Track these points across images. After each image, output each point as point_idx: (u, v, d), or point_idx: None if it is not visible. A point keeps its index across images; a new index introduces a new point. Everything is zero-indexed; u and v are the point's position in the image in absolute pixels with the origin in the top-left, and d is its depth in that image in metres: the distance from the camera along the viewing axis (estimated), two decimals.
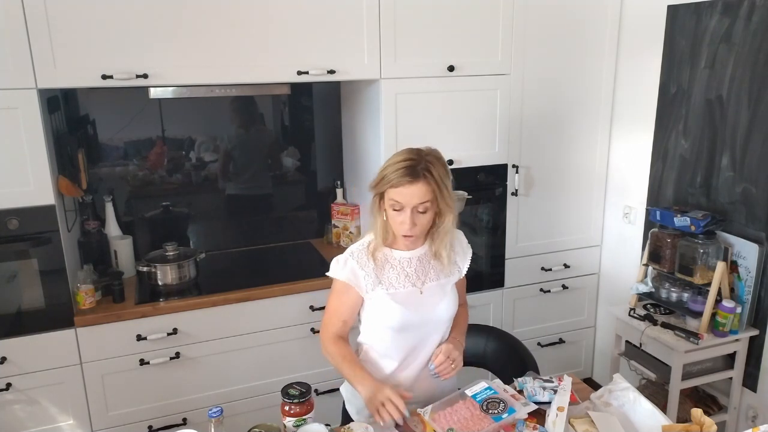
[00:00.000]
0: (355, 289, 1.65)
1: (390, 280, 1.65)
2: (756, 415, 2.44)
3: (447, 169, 1.61)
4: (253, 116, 2.88)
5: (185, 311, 2.35)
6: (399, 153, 1.60)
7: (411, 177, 1.52)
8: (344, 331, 1.70)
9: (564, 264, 2.99)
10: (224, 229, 2.95)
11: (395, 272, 1.66)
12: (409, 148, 1.60)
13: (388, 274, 1.66)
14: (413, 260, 1.68)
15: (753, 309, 2.36)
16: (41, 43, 2.01)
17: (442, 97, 2.55)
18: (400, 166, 1.54)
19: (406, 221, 1.56)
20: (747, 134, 2.32)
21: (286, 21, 2.27)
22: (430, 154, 1.59)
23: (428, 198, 1.55)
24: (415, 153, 1.58)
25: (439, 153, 1.62)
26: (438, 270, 1.70)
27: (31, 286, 2.17)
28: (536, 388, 1.63)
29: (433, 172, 1.54)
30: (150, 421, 2.40)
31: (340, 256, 1.69)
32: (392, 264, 1.67)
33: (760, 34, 2.22)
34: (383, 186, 1.57)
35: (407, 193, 1.53)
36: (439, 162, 1.59)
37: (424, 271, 1.69)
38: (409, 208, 1.55)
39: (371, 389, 1.55)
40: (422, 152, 1.59)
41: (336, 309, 1.69)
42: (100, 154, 2.65)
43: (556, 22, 2.66)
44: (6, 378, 2.17)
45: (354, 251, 1.67)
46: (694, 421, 1.45)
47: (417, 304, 1.65)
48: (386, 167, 1.57)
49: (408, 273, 1.67)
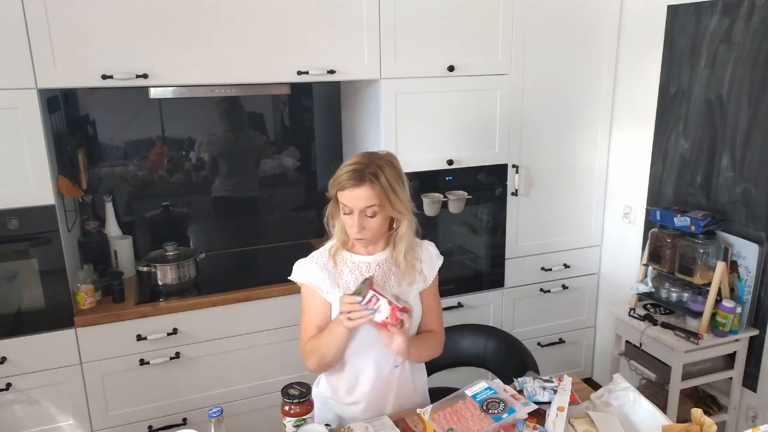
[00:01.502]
0: (318, 292, 1.63)
1: (347, 283, 1.63)
2: (756, 415, 2.44)
3: (400, 174, 1.58)
4: (244, 117, 2.87)
5: (185, 311, 2.35)
6: (353, 156, 1.59)
7: (356, 180, 1.51)
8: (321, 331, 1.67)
9: (564, 264, 2.99)
10: (224, 229, 2.95)
11: (353, 276, 1.63)
12: (364, 152, 1.60)
13: (346, 278, 1.63)
14: (372, 265, 1.65)
15: (753, 309, 2.36)
16: (41, 43, 2.01)
17: (442, 97, 2.55)
18: (348, 169, 1.53)
19: (354, 224, 1.55)
20: (747, 134, 2.32)
21: (286, 21, 2.27)
22: (382, 159, 1.57)
23: (374, 202, 1.53)
24: (366, 157, 1.57)
25: (394, 158, 1.61)
26: (399, 277, 1.65)
27: (31, 286, 2.17)
28: (536, 388, 1.63)
29: (380, 177, 1.52)
30: (150, 421, 2.40)
31: (302, 259, 1.68)
32: (350, 268, 1.64)
33: (760, 34, 2.22)
34: (333, 188, 1.57)
35: (352, 197, 1.53)
36: (390, 167, 1.56)
37: (383, 277, 1.64)
38: (356, 211, 1.54)
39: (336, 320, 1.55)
40: (374, 156, 1.57)
41: (308, 316, 1.66)
42: (100, 154, 2.65)
43: (556, 22, 2.66)
44: (6, 378, 2.17)
45: (315, 254, 1.68)
46: (694, 421, 1.45)
47: None
48: (339, 169, 1.57)
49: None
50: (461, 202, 2.63)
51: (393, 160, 1.60)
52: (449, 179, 2.65)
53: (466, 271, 2.84)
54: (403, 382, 1.70)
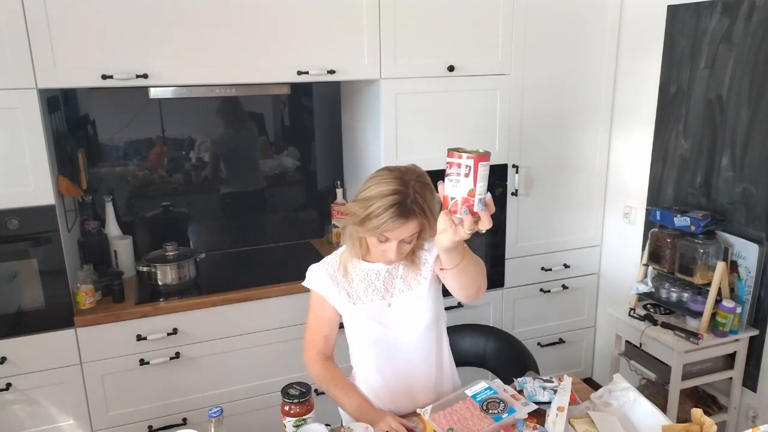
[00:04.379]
0: (329, 302, 1.62)
1: (358, 293, 1.61)
2: (756, 415, 2.44)
3: (432, 189, 1.46)
4: (244, 117, 2.87)
5: (185, 311, 2.35)
6: (382, 180, 1.43)
7: (403, 219, 1.40)
8: (328, 348, 1.66)
9: (564, 264, 2.99)
10: (224, 229, 2.95)
11: (363, 285, 1.61)
12: (391, 173, 1.45)
13: (357, 288, 1.61)
14: (381, 272, 1.62)
15: (753, 309, 2.36)
16: (41, 43, 2.01)
17: (442, 97, 2.55)
18: (388, 204, 1.39)
19: (392, 253, 1.48)
20: (747, 134, 2.32)
21: (286, 21, 2.27)
22: (415, 180, 1.45)
23: (418, 230, 1.46)
24: (400, 182, 1.42)
25: (421, 171, 1.50)
26: (406, 278, 1.62)
27: (31, 286, 2.17)
28: (536, 388, 1.63)
29: (423, 204, 1.42)
30: (150, 421, 2.40)
31: (315, 265, 1.65)
32: (360, 277, 1.62)
33: (760, 34, 2.22)
34: (372, 229, 1.41)
35: (398, 231, 1.43)
36: (424, 187, 1.45)
37: (392, 284, 1.62)
38: (396, 241, 1.46)
39: (370, 418, 1.52)
40: (406, 178, 1.44)
41: (315, 323, 1.66)
42: (100, 154, 2.65)
43: (556, 22, 2.66)
44: (6, 378, 2.17)
45: (327, 260, 1.65)
46: (694, 421, 1.44)
47: (386, 317, 1.61)
48: (372, 202, 1.41)
49: (376, 286, 1.62)
50: None
51: (421, 173, 1.49)
52: None
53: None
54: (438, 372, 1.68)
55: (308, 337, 1.67)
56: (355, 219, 1.45)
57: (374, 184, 1.44)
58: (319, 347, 1.65)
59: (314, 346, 1.66)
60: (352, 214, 1.46)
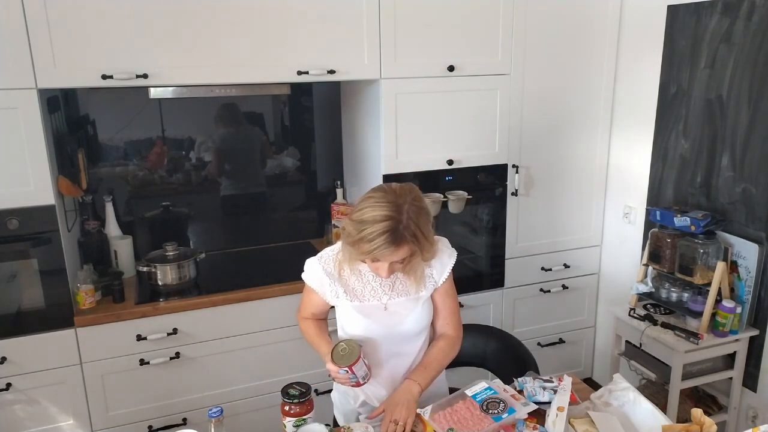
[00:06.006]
0: (319, 295, 1.65)
1: (354, 291, 1.62)
2: (756, 415, 2.44)
3: (427, 212, 1.48)
4: (244, 117, 2.87)
5: (185, 311, 2.35)
6: (377, 204, 1.42)
7: (395, 246, 1.40)
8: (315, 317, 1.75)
9: (564, 264, 2.99)
10: (224, 229, 2.95)
11: (360, 284, 1.62)
12: (386, 196, 1.44)
13: (353, 285, 1.62)
14: None
15: (753, 309, 2.36)
16: (41, 43, 2.01)
17: (442, 97, 2.55)
18: (381, 231, 1.38)
19: (383, 272, 1.50)
20: (747, 134, 2.32)
21: (286, 21, 2.27)
22: (410, 203, 1.43)
23: (409, 254, 1.46)
24: (394, 207, 1.41)
25: (417, 193, 1.48)
26: (407, 284, 1.63)
27: (31, 286, 2.17)
28: (536, 388, 1.63)
29: (415, 231, 1.41)
30: (150, 421, 2.40)
31: (312, 258, 1.66)
32: (357, 276, 1.63)
33: (760, 34, 2.22)
34: (364, 252, 1.42)
35: (390, 256, 1.44)
36: (418, 211, 1.44)
37: (391, 286, 1.62)
38: (387, 263, 1.48)
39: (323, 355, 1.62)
40: (400, 203, 1.42)
41: (306, 304, 1.73)
42: (100, 154, 2.65)
43: (556, 22, 2.66)
44: (6, 378, 2.18)
45: (323, 256, 1.65)
46: (694, 421, 1.44)
47: (381, 318, 1.62)
48: (365, 226, 1.40)
49: (373, 286, 1.62)
50: (461, 202, 2.63)
51: (418, 198, 1.47)
52: (449, 179, 2.65)
53: (466, 271, 2.84)
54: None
55: (301, 306, 1.76)
56: (349, 239, 1.46)
57: (369, 207, 1.43)
58: (308, 315, 1.75)
59: (304, 313, 1.76)
60: (347, 234, 1.47)
